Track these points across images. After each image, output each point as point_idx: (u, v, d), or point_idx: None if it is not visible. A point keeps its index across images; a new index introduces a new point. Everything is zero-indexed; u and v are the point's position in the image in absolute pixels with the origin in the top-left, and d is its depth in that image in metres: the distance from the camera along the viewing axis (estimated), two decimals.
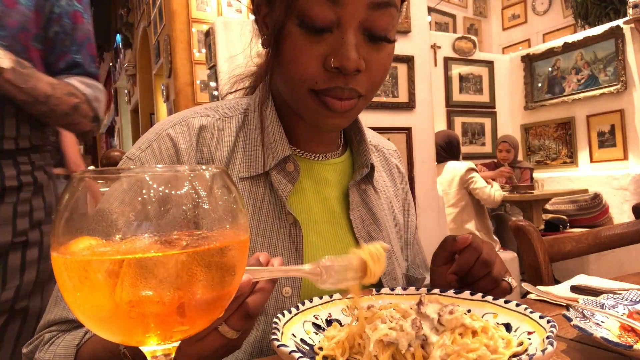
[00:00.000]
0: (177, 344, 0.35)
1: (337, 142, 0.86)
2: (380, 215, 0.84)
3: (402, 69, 2.97)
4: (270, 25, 0.69)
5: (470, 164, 3.40)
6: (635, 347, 0.49)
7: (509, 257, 3.38)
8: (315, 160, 0.81)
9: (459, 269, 0.71)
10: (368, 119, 0.80)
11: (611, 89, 4.32)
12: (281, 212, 0.74)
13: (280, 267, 0.52)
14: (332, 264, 0.51)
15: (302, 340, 0.54)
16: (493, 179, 3.68)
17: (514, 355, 0.47)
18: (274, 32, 0.68)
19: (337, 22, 0.64)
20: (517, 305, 0.58)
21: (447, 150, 3.51)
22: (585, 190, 4.04)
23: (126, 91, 8.55)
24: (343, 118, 0.71)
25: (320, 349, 0.53)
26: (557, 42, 4.85)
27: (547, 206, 3.95)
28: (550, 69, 4.90)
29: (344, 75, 0.65)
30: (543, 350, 0.44)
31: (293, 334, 0.54)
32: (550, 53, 4.87)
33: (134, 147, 0.75)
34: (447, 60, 4.79)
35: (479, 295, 0.62)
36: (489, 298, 0.61)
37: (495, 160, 4.51)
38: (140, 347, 0.35)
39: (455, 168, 3.37)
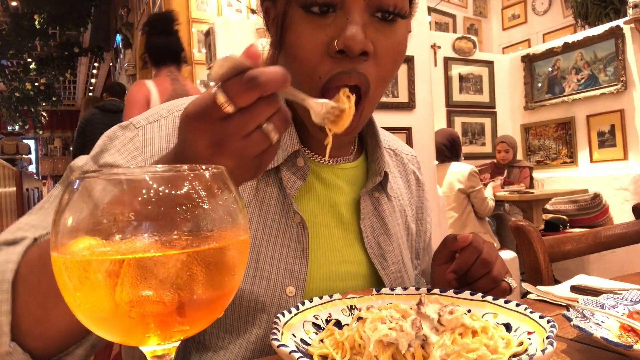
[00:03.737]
0: (177, 344, 0.35)
1: (351, 147, 0.82)
2: (392, 225, 0.81)
3: (402, 69, 2.97)
4: (275, 20, 0.67)
5: (472, 167, 3.36)
6: (635, 347, 0.49)
7: (509, 257, 3.37)
8: (326, 164, 0.78)
9: (459, 268, 0.71)
10: None
11: (611, 89, 4.32)
12: (289, 210, 0.73)
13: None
14: (327, 103, 0.50)
15: (302, 340, 0.54)
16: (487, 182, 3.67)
17: (514, 355, 0.47)
18: (278, 22, 0.65)
19: (341, 1, 0.60)
20: (517, 305, 0.58)
21: (450, 149, 3.46)
22: (585, 190, 4.03)
23: (126, 91, 8.56)
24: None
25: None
26: (557, 42, 4.85)
27: (547, 206, 3.95)
28: (550, 69, 4.90)
29: (349, 59, 0.61)
30: (543, 350, 0.44)
31: (293, 334, 0.54)
32: (550, 53, 4.87)
33: (141, 116, 0.70)
34: (447, 60, 4.79)
35: (479, 295, 0.62)
36: (489, 298, 0.61)
37: (495, 161, 4.50)
38: (140, 347, 0.35)
39: (457, 171, 3.34)
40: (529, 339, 0.51)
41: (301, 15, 0.62)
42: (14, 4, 8.27)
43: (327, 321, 0.60)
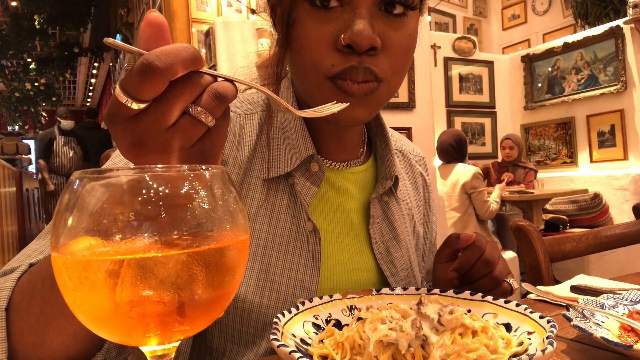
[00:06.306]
0: (177, 344, 0.35)
1: (360, 149, 0.81)
2: (401, 230, 0.80)
3: None
4: (282, 17, 0.66)
5: (477, 169, 3.34)
6: (635, 347, 0.49)
7: (509, 257, 3.37)
8: (336, 168, 0.76)
9: (460, 267, 0.70)
10: None
11: (611, 89, 4.32)
12: (300, 218, 0.70)
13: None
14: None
15: (302, 340, 0.54)
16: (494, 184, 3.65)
17: (514, 355, 0.47)
18: (284, 19, 0.64)
19: None
20: (517, 305, 0.58)
21: (457, 150, 3.43)
22: (585, 190, 4.04)
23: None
24: (363, 106, 0.64)
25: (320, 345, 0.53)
26: (557, 42, 4.85)
27: (547, 206, 3.95)
28: (550, 69, 4.90)
29: (357, 55, 0.59)
30: (543, 350, 0.44)
31: (293, 334, 0.54)
32: (550, 53, 4.87)
33: None
34: (447, 60, 4.79)
35: (478, 295, 0.62)
36: (489, 298, 0.61)
37: (499, 160, 4.49)
38: (140, 347, 0.35)
39: (461, 171, 3.32)
40: (529, 339, 0.51)
41: (307, 9, 0.61)
42: (14, 4, 8.27)
43: (327, 321, 0.60)
